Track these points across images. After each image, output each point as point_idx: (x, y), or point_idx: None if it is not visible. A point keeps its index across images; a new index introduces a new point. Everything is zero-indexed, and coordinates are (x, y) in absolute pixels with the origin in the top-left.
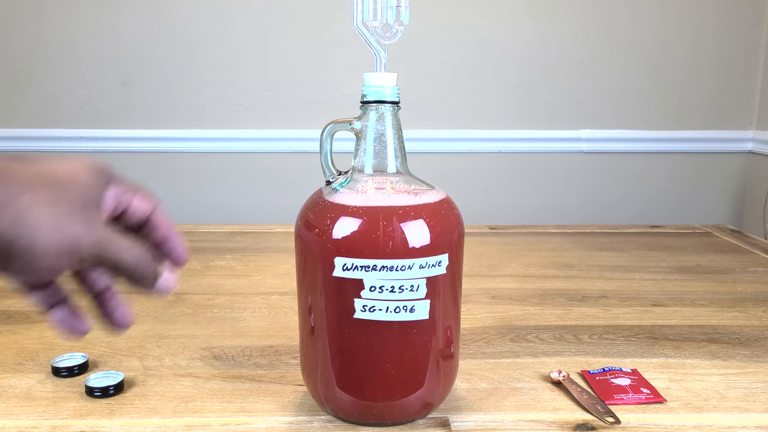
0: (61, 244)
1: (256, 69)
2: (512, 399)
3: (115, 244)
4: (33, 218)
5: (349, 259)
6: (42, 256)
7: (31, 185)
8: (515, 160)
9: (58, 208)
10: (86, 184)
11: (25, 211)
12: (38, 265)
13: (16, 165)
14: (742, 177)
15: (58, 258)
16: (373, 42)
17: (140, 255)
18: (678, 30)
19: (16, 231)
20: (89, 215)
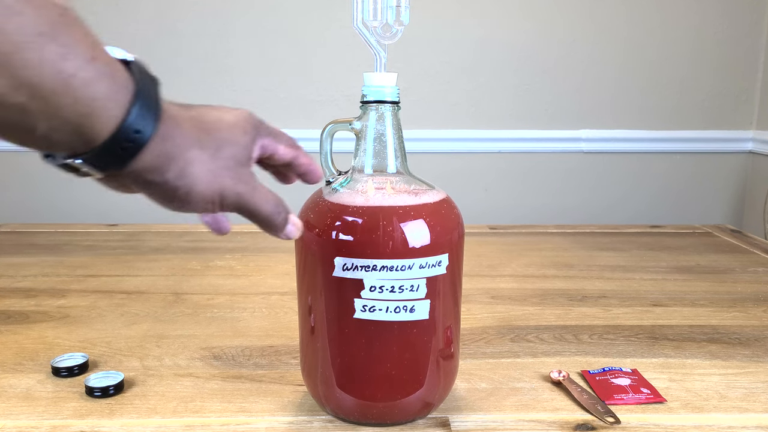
0: (211, 194)
1: (256, 69)
2: (512, 399)
3: (254, 197)
4: (194, 172)
5: (349, 259)
6: (195, 201)
7: (198, 142)
8: (515, 160)
9: (214, 165)
10: (242, 144)
11: (189, 165)
12: (191, 207)
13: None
14: (742, 177)
15: (208, 203)
16: (373, 42)
17: (274, 207)
18: (678, 30)
19: (179, 181)
20: (238, 172)
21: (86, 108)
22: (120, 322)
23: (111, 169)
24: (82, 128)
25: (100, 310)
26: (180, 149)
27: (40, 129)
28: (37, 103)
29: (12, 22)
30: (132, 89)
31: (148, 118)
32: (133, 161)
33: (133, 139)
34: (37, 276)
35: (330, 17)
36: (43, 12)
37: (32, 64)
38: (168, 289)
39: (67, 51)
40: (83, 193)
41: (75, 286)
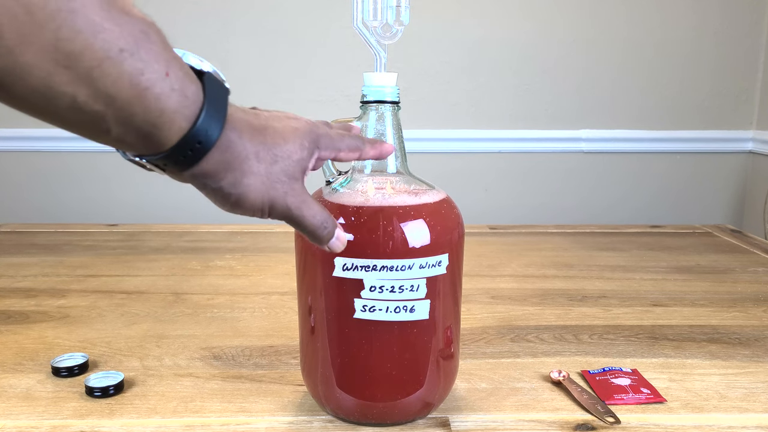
0: (261, 203)
1: (256, 69)
2: (512, 399)
3: (303, 210)
4: (248, 182)
5: (349, 259)
6: (245, 208)
7: (255, 155)
8: (515, 160)
9: (267, 178)
10: (296, 159)
11: (244, 176)
12: (241, 212)
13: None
14: (742, 177)
15: (257, 211)
16: (373, 42)
17: (320, 221)
18: (678, 30)
19: (233, 189)
20: (290, 185)
21: (156, 119)
22: (120, 322)
23: (172, 171)
24: (151, 135)
25: (100, 310)
26: (238, 160)
27: (113, 132)
28: (112, 111)
29: (98, 38)
30: (200, 103)
31: (212, 130)
32: (193, 167)
33: (195, 149)
34: (37, 276)
35: (330, 17)
36: (127, 28)
37: (112, 77)
38: (168, 289)
39: (144, 66)
40: (83, 193)
41: (75, 286)
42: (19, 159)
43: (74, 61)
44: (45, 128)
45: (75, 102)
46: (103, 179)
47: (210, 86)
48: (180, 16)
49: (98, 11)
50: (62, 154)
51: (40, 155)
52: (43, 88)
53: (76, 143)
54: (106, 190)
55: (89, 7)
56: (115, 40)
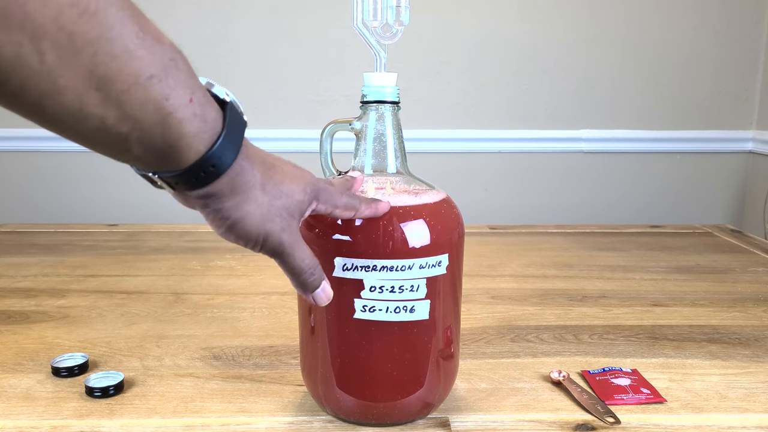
0: (256, 233)
1: (256, 69)
2: (512, 399)
3: (294, 249)
4: (249, 209)
5: (349, 260)
6: (240, 234)
7: (262, 187)
8: (515, 160)
9: (268, 211)
10: (299, 201)
11: (246, 202)
12: (235, 237)
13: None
14: (742, 177)
15: (250, 241)
16: (373, 42)
17: (308, 267)
18: (678, 30)
19: (233, 212)
20: (288, 223)
21: (176, 141)
22: (120, 322)
23: (183, 190)
24: (168, 156)
25: (100, 310)
26: (245, 187)
27: (134, 152)
28: (137, 133)
29: (131, 65)
30: (218, 130)
31: (226, 156)
32: (202, 188)
33: (209, 172)
34: (37, 276)
35: (330, 17)
36: (158, 56)
37: (139, 101)
38: (168, 289)
39: (170, 92)
40: (84, 193)
41: (75, 286)
42: (19, 159)
43: (106, 84)
44: None
45: (103, 123)
46: (103, 179)
47: (231, 115)
48: (180, 16)
49: (134, 39)
50: (62, 154)
51: (40, 155)
52: (74, 110)
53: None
54: (106, 190)
55: (126, 35)
56: (146, 66)
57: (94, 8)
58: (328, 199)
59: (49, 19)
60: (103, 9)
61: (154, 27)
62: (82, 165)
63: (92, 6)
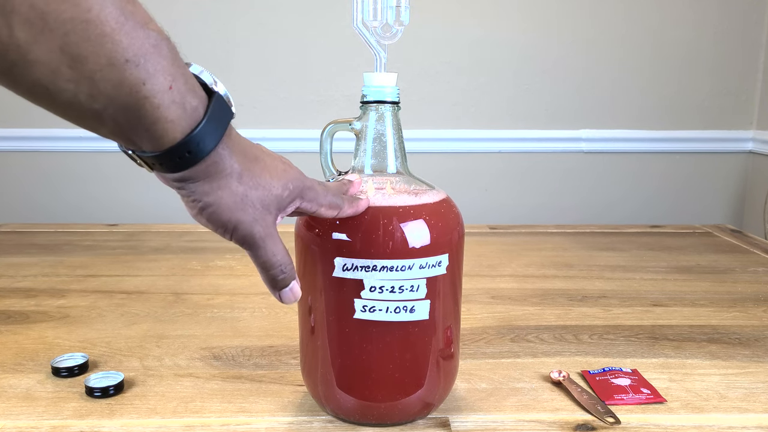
0: (225, 220)
1: (256, 69)
2: (512, 399)
3: (266, 242)
4: (222, 195)
5: (349, 259)
6: (210, 219)
7: (239, 177)
8: (515, 160)
9: (241, 200)
10: (277, 195)
11: (219, 189)
12: (204, 222)
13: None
14: (742, 177)
15: (219, 228)
16: (373, 42)
17: (280, 262)
18: (678, 29)
19: (205, 197)
20: (261, 215)
21: (151, 126)
22: (120, 322)
23: (160, 171)
24: (144, 138)
25: (100, 310)
26: (219, 175)
27: (109, 127)
28: (110, 111)
29: (105, 48)
30: (198, 118)
31: (203, 144)
32: (178, 173)
33: (184, 158)
34: (37, 276)
35: (330, 17)
36: (137, 42)
37: (112, 82)
38: (168, 289)
39: (147, 78)
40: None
41: (75, 286)
42: (20, 159)
43: (77, 63)
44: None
45: (75, 98)
46: (103, 179)
47: (215, 105)
48: (180, 16)
49: (112, 24)
50: (62, 154)
51: (41, 155)
52: (46, 83)
53: (76, 143)
54: (105, 190)
55: (104, 19)
56: (122, 51)
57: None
58: (313, 198)
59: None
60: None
61: (141, 12)
62: (83, 165)
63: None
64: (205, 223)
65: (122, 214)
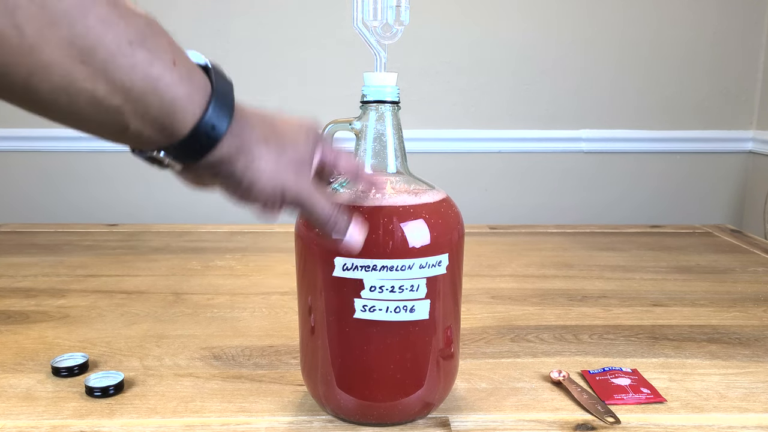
0: (272, 188)
1: (256, 69)
2: (512, 399)
3: (313, 197)
4: (259, 166)
5: (349, 259)
6: (257, 193)
7: (265, 141)
8: (515, 159)
9: (277, 164)
10: (303, 146)
11: (255, 160)
12: (254, 197)
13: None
14: (742, 177)
15: (269, 196)
16: (373, 42)
17: (331, 211)
18: (678, 29)
19: (246, 173)
20: (299, 171)
21: (170, 107)
22: (120, 322)
23: (190, 161)
24: (166, 125)
25: (100, 310)
26: (249, 145)
27: (132, 126)
28: (130, 105)
29: (109, 33)
30: (209, 91)
31: (223, 117)
32: (208, 154)
33: (210, 135)
34: (37, 276)
35: (330, 17)
36: (132, 22)
37: (125, 69)
38: (168, 289)
39: (153, 57)
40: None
41: (75, 286)
42: (20, 159)
43: (89, 56)
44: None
45: (94, 97)
46: (103, 179)
47: (216, 77)
48: (180, 16)
49: (105, 8)
50: (62, 154)
51: (41, 155)
52: (65, 85)
53: (76, 143)
54: (106, 190)
55: (98, 4)
56: (123, 33)
57: None
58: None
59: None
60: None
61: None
62: (83, 165)
63: None
64: (252, 201)
65: (122, 214)
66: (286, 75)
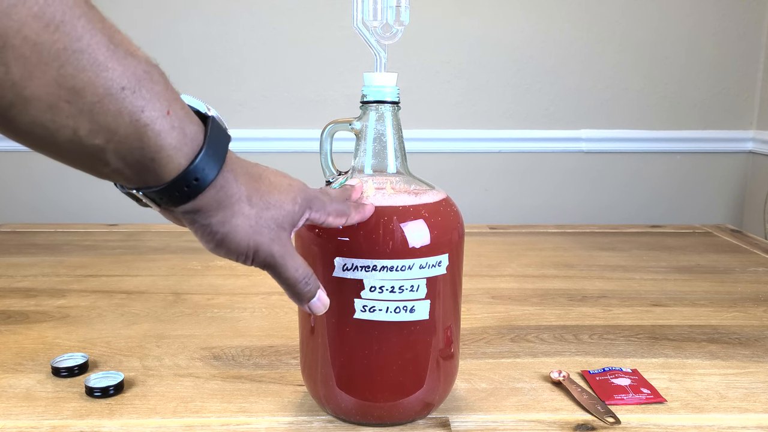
0: (246, 246)
1: (256, 69)
2: (512, 399)
3: (286, 260)
4: (237, 223)
5: (349, 260)
6: (230, 248)
7: (248, 199)
8: (515, 159)
9: (256, 223)
10: (287, 211)
11: (233, 217)
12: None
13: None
14: (742, 177)
15: (241, 254)
16: (373, 42)
17: (302, 275)
18: (678, 29)
19: (221, 227)
20: (278, 234)
21: (155, 154)
22: (120, 322)
23: (168, 206)
24: (149, 170)
25: (100, 310)
26: (230, 201)
27: (112, 165)
28: (112, 146)
29: (100, 77)
30: (200, 142)
31: (209, 170)
32: (187, 203)
33: (191, 186)
34: (37, 276)
35: (330, 17)
36: (130, 68)
37: (112, 113)
38: (168, 289)
39: (145, 104)
40: (84, 193)
41: (75, 286)
42: (19, 159)
43: (76, 96)
44: None
45: (76, 135)
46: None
47: (213, 128)
48: (180, 16)
49: (104, 51)
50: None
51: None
52: (45, 121)
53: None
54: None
55: (95, 47)
56: (117, 78)
57: (60, 19)
58: (320, 207)
59: (13, 30)
60: (70, 20)
61: (127, 40)
62: None
63: (58, 17)
64: (224, 254)
65: (122, 214)
66: (286, 75)
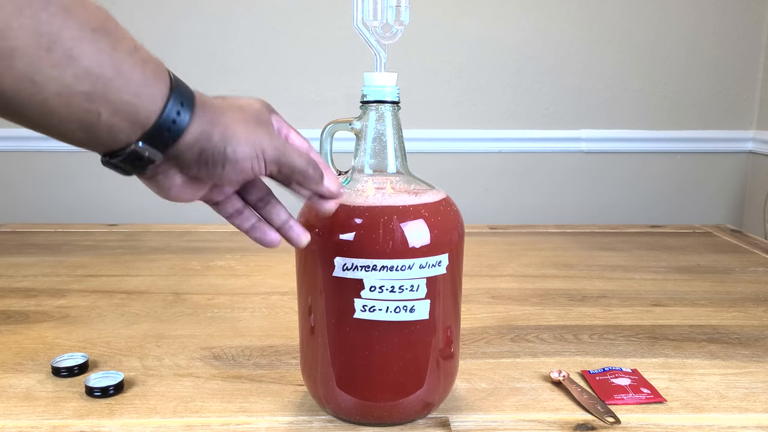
0: (253, 150)
1: (256, 69)
2: (512, 399)
3: (289, 149)
4: (235, 132)
5: (349, 259)
6: (241, 160)
7: (230, 110)
8: (515, 159)
9: (247, 125)
10: (259, 109)
11: (228, 127)
12: (239, 168)
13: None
14: (742, 177)
15: (253, 159)
16: (373, 42)
17: (309, 159)
18: (678, 29)
19: (224, 143)
20: (267, 129)
21: (138, 88)
22: (120, 322)
23: (169, 145)
24: (138, 108)
25: (100, 310)
26: (216, 116)
27: (103, 115)
28: (98, 89)
29: (72, 19)
30: (166, 71)
31: (187, 92)
32: (185, 133)
33: (182, 109)
34: (37, 276)
35: (330, 17)
36: (94, 13)
37: (91, 54)
38: (168, 289)
39: (116, 42)
40: (84, 193)
41: (75, 286)
42: (19, 159)
43: (55, 42)
44: None
45: (63, 84)
46: (103, 179)
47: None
48: (180, 16)
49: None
50: (62, 154)
51: (40, 155)
52: (30, 73)
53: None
54: (106, 190)
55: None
56: (86, 21)
57: None
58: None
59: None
60: None
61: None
62: (83, 165)
63: None
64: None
65: (122, 214)
66: (286, 75)
